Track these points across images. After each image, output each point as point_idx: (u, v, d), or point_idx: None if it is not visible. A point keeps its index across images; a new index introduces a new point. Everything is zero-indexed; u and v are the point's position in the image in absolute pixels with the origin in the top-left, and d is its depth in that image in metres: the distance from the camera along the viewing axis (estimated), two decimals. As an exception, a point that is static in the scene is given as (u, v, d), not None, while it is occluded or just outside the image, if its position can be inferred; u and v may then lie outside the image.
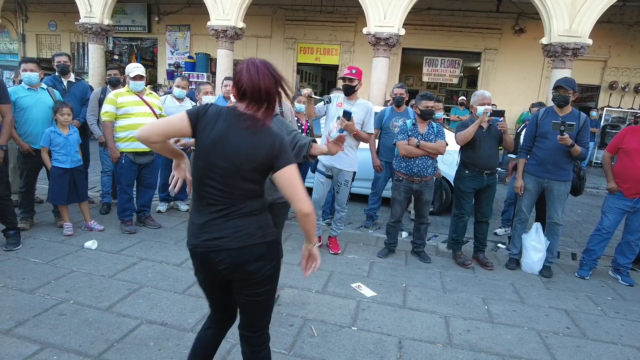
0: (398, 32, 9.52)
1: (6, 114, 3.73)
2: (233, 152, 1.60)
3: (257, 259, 1.68)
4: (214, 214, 1.65)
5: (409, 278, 3.74)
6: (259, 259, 1.68)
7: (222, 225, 1.65)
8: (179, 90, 4.88)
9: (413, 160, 3.93)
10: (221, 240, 1.65)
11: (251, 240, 1.66)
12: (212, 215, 1.65)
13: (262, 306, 1.80)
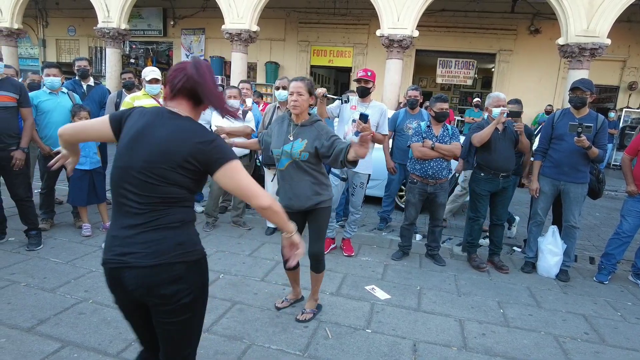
0: (412, 34, 9.50)
1: (27, 117, 3.83)
2: (151, 150, 1.43)
3: (172, 281, 1.45)
4: (128, 225, 1.44)
5: (423, 281, 3.72)
6: (175, 282, 1.45)
7: (135, 238, 1.43)
8: None
9: (427, 163, 3.92)
10: (131, 255, 1.42)
11: (165, 258, 1.43)
12: (126, 226, 1.45)
13: (181, 336, 1.56)
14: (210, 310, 2.93)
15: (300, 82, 2.68)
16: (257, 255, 4.03)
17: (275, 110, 4.47)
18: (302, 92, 2.66)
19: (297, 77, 2.76)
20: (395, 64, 9.69)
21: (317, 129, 2.69)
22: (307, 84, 2.71)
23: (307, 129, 2.71)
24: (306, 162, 2.69)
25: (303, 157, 2.67)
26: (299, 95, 2.65)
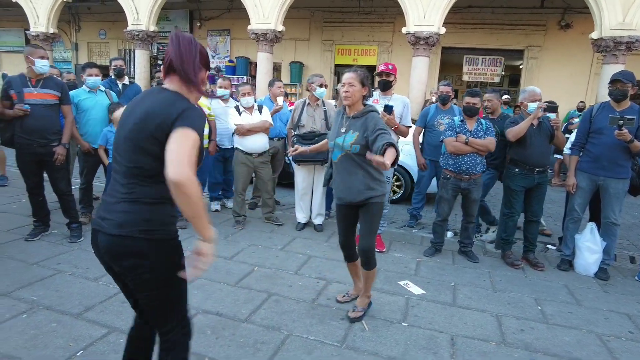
0: (438, 31, 9.39)
1: (68, 114, 3.98)
2: (135, 121, 1.50)
3: (133, 254, 1.49)
4: (112, 192, 1.55)
5: (457, 277, 3.68)
6: (136, 256, 1.49)
7: (113, 206, 1.53)
8: (222, 90, 5.01)
9: (461, 158, 3.87)
10: (105, 221, 1.51)
11: (129, 231, 1.47)
12: (111, 193, 1.55)
13: (153, 310, 1.61)
14: (247, 300, 3.01)
15: (352, 73, 2.66)
16: (289, 250, 4.07)
17: (305, 106, 4.50)
18: (354, 83, 2.63)
19: (351, 69, 2.73)
20: (421, 61, 9.60)
21: (366, 120, 2.64)
22: (360, 74, 2.65)
23: (358, 120, 2.67)
24: (358, 155, 2.64)
25: (354, 149, 2.63)
26: (351, 86, 2.63)
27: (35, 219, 4.01)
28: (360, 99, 2.70)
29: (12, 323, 2.57)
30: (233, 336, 2.58)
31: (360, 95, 2.68)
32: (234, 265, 3.61)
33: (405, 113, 4.08)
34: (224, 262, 3.66)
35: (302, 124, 4.42)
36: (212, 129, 4.68)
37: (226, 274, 3.43)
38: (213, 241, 1.50)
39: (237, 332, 2.62)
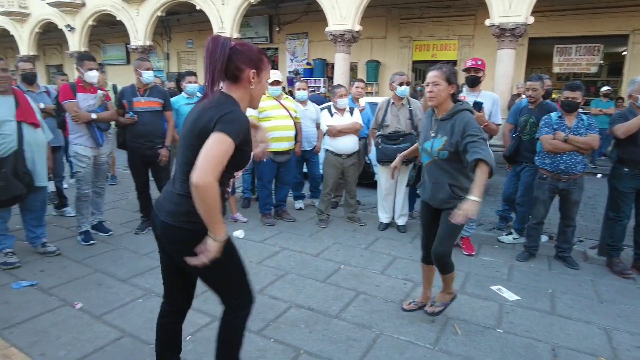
0: (525, 21, 8.81)
1: (170, 119, 4.36)
2: (190, 120, 1.67)
3: (177, 241, 1.68)
4: (171, 184, 1.76)
5: (555, 284, 3.44)
6: (180, 242, 1.67)
7: (168, 195, 1.73)
8: (302, 92, 5.13)
9: (560, 156, 3.61)
10: (161, 209, 1.71)
11: (175, 221, 1.65)
12: (169, 184, 1.77)
13: (211, 285, 1.84)
14: (337, 297, 3.09)
15: (436, 71, 2.46)
16: (374, 250, 4.09)
17: (390, 105, 4.47)
18: (439, 82, 2.43)
19: (435, 66, 2.55)
20: (507, 54, 9.08)
21: (455, 122, 2.42)
22: (445, 72, 2.44)
23: (447, 123, 2.47)
24: (447, 161, 2.48)
25: (442, 155, 2.48)
26: (435, 86, 2.44)
27: (143, 214, 4.45)
28: (448, 98, 2.50)
29: (132, 306, 2.90)
30: (325, 331, 2.66)
31: (447, 95, 2.48)
32: (321, 262, 3.72)
33: (495, 110, 3.92)
34: (311, 259, 3.78)
35: (386, 124, 4.41)
36: (298, 131, 4.84)
37: (315, 270, 3.54)
38: (220, 241, 1.59)
39: (329, 328, 2.70)
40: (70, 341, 2.48)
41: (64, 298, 2.98)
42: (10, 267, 3.41)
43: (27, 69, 4.62)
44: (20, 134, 3.35)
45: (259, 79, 1.73)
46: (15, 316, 2.73)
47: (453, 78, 2.47)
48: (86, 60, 3.86)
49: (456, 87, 2.51)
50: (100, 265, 3.54)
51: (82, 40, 15.91)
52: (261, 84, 1.76)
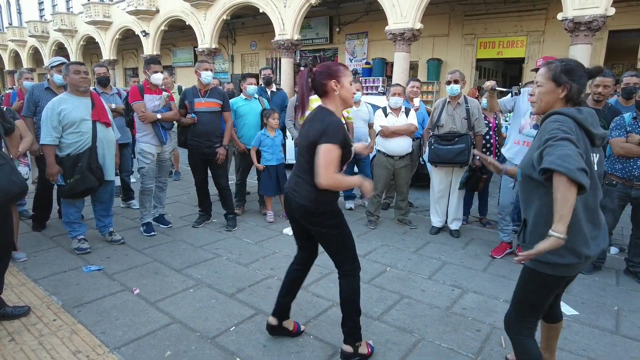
0: (605, 13, 8.12)
1: (228, 119, 4.56)
2: (304, 130, 2.24)
3: (311, 216, 2.24)
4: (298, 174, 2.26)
5: (622, 301, 3.15)
6: (313, 217, 2.24)
7: (299, 185, 2.24)
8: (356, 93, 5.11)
9: (633, 162, 3.30)
10: (295, 192, 2.25)
11: (307, 203, 2.20)
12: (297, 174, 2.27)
13: (331, 250, 2.33)
14: (380, 299, 3.06)
15: (543, 68, 1.88)
16: (422, 254, 4.00)
17: (446, 105, 4.34)
18: (542, 83, 1.87)
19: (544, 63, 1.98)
20: (582, 49, 8.42)
21: (541, 131, 1.79)
22: (554, 68, 1.81)
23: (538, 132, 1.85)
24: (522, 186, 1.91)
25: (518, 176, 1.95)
26: (538, 87, 1.89)
27: (201, 208, 4.70)
28: (559, 104, 1.81)
29: (183, 295, 3.08)
30: (365, 332, 2.64)
31: (554, 99, 1.81)
32: (367, 263, 3.70)
33: None
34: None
35: (441, 124, 4.28)
36: (350, 131, 4.84)
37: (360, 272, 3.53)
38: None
39: (369, 329, 2.68)
40: (127, 323, 2.69)
41: (125, 283, 3.23)
42: (82, 252, 3.76)
43: (101, 73, 5.08)
44: (95, 132, 3.68)
45: (341, 85, 2.17)
46: (83, 296, 3.01)
47: (564, 77, 1.77)
48: (152, 64, 4.15)
49: (568, 88, 1.78)
50: (158, 255, 3.80)
51: (155, 44, 17.08)
52: (344, 87, 2.18)
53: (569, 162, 1.49)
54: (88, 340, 2.48)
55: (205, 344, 2.50)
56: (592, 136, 1.74)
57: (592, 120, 1.74)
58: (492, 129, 4.64)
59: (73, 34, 21.56)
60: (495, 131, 4.70)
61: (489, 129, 4.60)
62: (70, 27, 21.19)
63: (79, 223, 3.88)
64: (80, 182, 3.59)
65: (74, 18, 21.21)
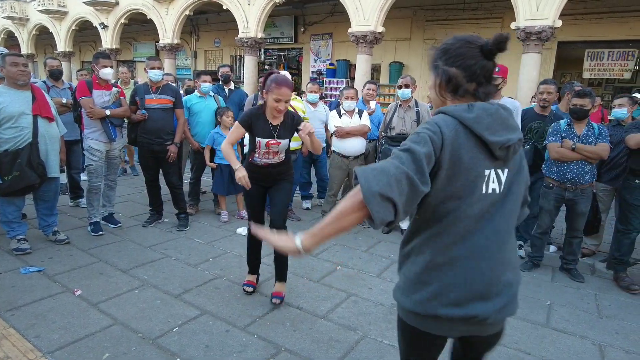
0: (553, 24, 8.54)
1: (180, 117, 4.48)
2: None
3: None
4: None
5: (554, 296, 3.35)
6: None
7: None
8: (313, 95, 5.16)
9: (567, 165, 3.51)
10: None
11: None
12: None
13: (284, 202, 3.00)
14: (327, 298, 3.11)
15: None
16: (373, 252, 4.08)
17: (397, 108, 4.45)
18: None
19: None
20: (532, 58, 8.83)
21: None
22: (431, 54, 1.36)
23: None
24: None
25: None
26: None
27: (151, 208, 4.60)
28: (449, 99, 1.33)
29: (128, 296, 3.00)
30: (310, 330, 2.69)
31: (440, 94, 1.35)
32: (318, 262, 3.74)
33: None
34: (309, 258, 3.81)
35: (392, 126, 4.40)
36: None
37: (310, 270, 3.57)
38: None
39: (314, 327, 2.72)
40: (65, 325, 2.60)
41: (66, 285, 3.12)
42: (21, 252, 3.59)
43: (54, 66, 4.87)
44: (36, 127, 3.53)
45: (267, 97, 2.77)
46: (18, 299, 2.88)
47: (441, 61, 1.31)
48: (101, 59, 4.02)
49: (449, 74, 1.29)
50: (104, 255, 3.68)
51: (114, 37, 16.48)
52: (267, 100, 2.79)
53: (375, 183, 1.09)
54: (19, 345, 2.38)
55: (146, 345, 2.46)
56: (489, 145, 1.21)
57: (491, 123, 1.23)
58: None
59: (24, 23, 20.44)
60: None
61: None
62: (21, 15, 20.08)
63: (19, 222, 3.71)
64: (19, 179, 3.43)
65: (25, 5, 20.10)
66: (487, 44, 1.25)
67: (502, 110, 1.29)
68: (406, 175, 1.11)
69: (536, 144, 3.99)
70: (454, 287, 1.25)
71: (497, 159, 1.25)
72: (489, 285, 1.26)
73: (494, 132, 1.22)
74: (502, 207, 1.27)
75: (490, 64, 1.28)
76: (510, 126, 1.27)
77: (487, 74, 1.29)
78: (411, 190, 1.12)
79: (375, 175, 1.10)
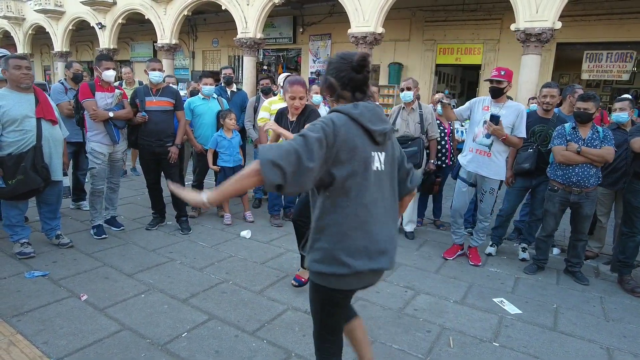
0: (553, 26, 8.57)
1: (181, 119, 4.45)
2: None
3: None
4: None
5: (560, 299, 3.36)
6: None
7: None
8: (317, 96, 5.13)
9: (572, 168, 3.51)
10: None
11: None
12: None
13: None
14: (334, 303, 3.08)
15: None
16: (378, 255, 4.07)
17: (400, 111, 4.45)
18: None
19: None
20: (532, 59, 8.85)
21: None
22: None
23: None
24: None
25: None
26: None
27: (154, 211, 4.57)
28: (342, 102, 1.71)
29: (134, 301, 2.99)
30: (318, 336, 2.67)
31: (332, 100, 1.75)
32: (323, 266, 3.73)
33: (519, 122, 3.74)
34: (313, 263, 3.80)
35: (396, 128, 4.39)
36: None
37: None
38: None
39: (322, 332, 2.71)
40: (73, 331, 2.58)
41: (72, 289, 3.10)
42: (25, 256, 3.57)
43: (79, 70, 4.85)
44: (39, 130, 3.50)
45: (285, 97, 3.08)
46: (24, 304, 2.86)
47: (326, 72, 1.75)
48: (104, 61, 3.99)
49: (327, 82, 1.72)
50: (109, 259, 3.66)
51: (111, 37, 16.39)
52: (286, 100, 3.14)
53: (269, 153, 1.42)
54: (27, 351, 2.36)
55: (155, 351, 2.45)
56: (371, 133, 1.60)
57: (371, 116, 1.61)
58: (447, 135, 4.80)
59: (20, 22, 20.31)
60: (450, 136, 4.86)
61: (444, 135, 4.76)
62: (17, 15, 19.94)
63: (22, 226, 3.68)
64: (23, 183, 3.40)
65: (21, 5, 19.96)
66: (353, 62, 1.63)
67: (377, 108, 1.68)
68: (295, 151, 1.43)
69: (539, 147, 4.00)
70: (367, 246, 1.60)
71: (378, 144, 1.63)
72: (387, 241, 1.66)
73: (374, 123, 1.61)
74: (385, 180, 1.68)
75: (359, 76, 1.65)
76: (384, 119, 1.67)
77: (355, 83, 1.66)
78: (298, 163, 1.43)
79: (271, 149, 1.44)
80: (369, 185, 1.59)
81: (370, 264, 1.61)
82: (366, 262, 1.60)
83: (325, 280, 1.65)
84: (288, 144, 1.46)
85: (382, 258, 1.64)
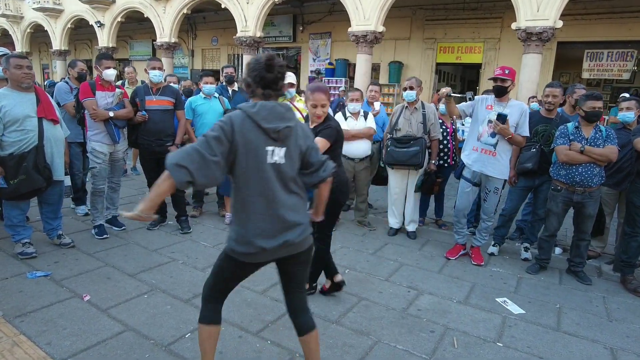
0: (554, 25, 8.56)
1: (181, 118, 4.44)
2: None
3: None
4: None
5: (563, 299, 3.36)
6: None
7: None
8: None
9: (575, 168, 3.51)
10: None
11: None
12: None
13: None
14: (338, 302, 3.09)
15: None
16: (381, 255, 4.07)
17: (403, 110, 4.44)
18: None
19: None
20: (533, 58, 8.84)
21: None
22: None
23: None
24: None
25: None
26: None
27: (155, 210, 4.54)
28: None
29: (137, 301, 2.98)
30: (322, 336, 2.67)
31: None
32: (326, 266, 3.73)
33: (522, 121, 3.74)
34: (316, 262, 3.79)
35: (398, 128, 4.38)
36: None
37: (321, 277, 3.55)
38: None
39: (326, 333, 2.71)
40: (76, 332, 2.57)
41: (74, 290, 3.09)
42: (27, 257, 3.55)
43: (84, 70, 4.83)
44: (41, 130, 3.48)
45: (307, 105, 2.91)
46: (27, 305, 2.85)
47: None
48: (104, 60, 3.97)
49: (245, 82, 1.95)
50: (111, 259, 3.65)
51: (110, 36, 16.35)
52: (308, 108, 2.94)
53: (173, 158, 1.67)
54: (31, 352, 2.35)
55: (159, 352, 2.44)
56: (265, 130, 1.77)
57: (267, 115, 1.78)
58: (449, 134, 4.79)
59: (18, 21, 20.25)
60: (453, 136, 4.85)
61: (447, 134, 4.75)
62: (15, 13, 19.88)
63: (23, 226, 3.66)
64: (25, 182, 3.38)
65: (19, 3, 19.90)
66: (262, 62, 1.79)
67: (279, 107, 1.82)
68: (196, 150, 1.67)
69: (542, 147, 3.99)
70: (265, 228, 1.82)
71: (275, 140, 1.79)
72: (283, 223, 1.85)
73: (269, 122, 1.77)
74: (284, 170, 1.84)
75: (269, 75, 1.80)
76: (283, 118, 1.82)
77: (266, 82, 1.81)
78: (202, 160, 1.67)
79: (175, 154, 1.69)
80: (267, 175, 1.79)
81: (272, 241, 1.83)
82: (270, 240, 1.83)
83: (236, 254, 1.89)
84: (190, 146, 1.71)
85: (287, 233, 1.86)
